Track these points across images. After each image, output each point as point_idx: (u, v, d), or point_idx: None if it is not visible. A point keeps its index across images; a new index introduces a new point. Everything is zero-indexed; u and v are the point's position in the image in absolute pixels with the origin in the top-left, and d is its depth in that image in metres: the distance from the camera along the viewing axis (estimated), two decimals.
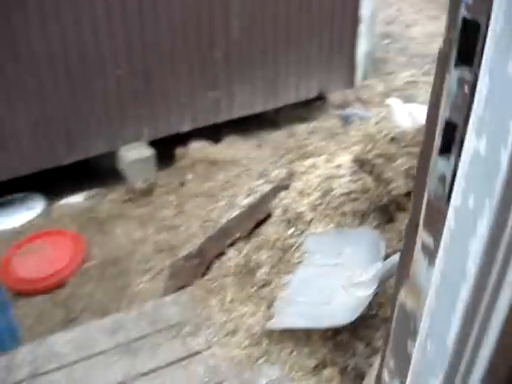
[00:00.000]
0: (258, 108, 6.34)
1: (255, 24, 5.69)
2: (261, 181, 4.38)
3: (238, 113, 6.18)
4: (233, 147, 6.30)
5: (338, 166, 4.11)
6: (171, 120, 5.74)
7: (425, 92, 7.31)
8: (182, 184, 5.70)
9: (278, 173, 4.35)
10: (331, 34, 6.21)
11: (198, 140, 6.18)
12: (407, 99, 6.77)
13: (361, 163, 3.69)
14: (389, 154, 3.39)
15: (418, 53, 8.92)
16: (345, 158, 4.20)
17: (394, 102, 6.30)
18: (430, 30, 9.78)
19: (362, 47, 6.68)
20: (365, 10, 6.38)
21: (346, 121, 6.25)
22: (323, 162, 4.41)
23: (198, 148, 6.07)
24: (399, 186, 3.29)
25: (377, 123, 3.94)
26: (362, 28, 6.48)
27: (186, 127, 5.89)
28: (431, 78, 1.20)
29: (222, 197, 5.24)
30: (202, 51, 5.53)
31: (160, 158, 5.97)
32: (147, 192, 5.67)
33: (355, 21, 6.32)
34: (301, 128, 6.69)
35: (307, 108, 7.00)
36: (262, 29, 5.77)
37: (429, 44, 9.19)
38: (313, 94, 6.63)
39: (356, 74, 6.63)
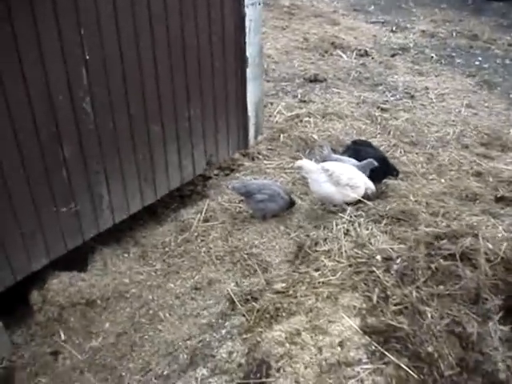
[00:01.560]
0: (135, 207, 4.92)
1: (114, 107, 4.39)
2: None
3: (108, 223, 4.69)
4: (109, 271, 4.79)
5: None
6: (13, 260, 4.09)
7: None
8: (55, 355, 4.09)
9: None
10: (214, 98, 5.03)
11: (57, 271, 4.62)
12: None
13: None
14: None
15: None
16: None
17: (306, 163, 5.50)
18: None
19: (251, 97, 5.59)
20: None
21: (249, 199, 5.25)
22: None
23: (60, 286, 4.49)
24: None
25: None
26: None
27: (36, 264, 4.26)
28: None
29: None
30: (43, 149, 3.98)
31: (10, 320, 4.35)
32: None
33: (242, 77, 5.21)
34: (189, 215, 5.43)
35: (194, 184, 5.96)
36: (125, 112, 4.54)
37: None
38: (200, 170, 5.39)
39: (248, 133, 5.55)
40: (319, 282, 4.01)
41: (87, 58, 4.10)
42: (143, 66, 4.50)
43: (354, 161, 5.93)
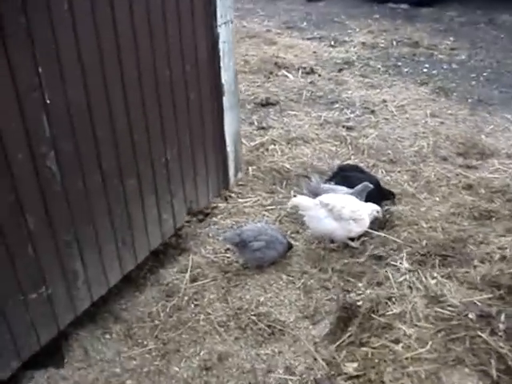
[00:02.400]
0: (115, 278, 4.18)
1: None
2: None
3: (85, 303, 3.88)
4: (93, 361, 3.96)
5: None
6: None
7: None
8: None
9: None
10: (190, 135, 4.34)
11: (29, 370, 3.74)
12: None
13: None
14: None
15: None
16: None
17: (302, 200, 5.08)
18: None
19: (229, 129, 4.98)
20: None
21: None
22: None
23: None
24: None
25: None
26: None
27: (5, 371, 3.46)
28: None
29: None
30: (3, 225, 3.25)
31: None
32: None
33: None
34: (172, 276, 4.70)
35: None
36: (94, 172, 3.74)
37: None
38: (180, 222, 4.68)
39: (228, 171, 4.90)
40: (406, 358, 3.29)
41: (47, 101, 3.33)
42: (113, 107, 3.72)
43: (347, 189, 5.41)
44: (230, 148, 5.04)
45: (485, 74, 9.40)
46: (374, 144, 7.11)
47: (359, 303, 3.77)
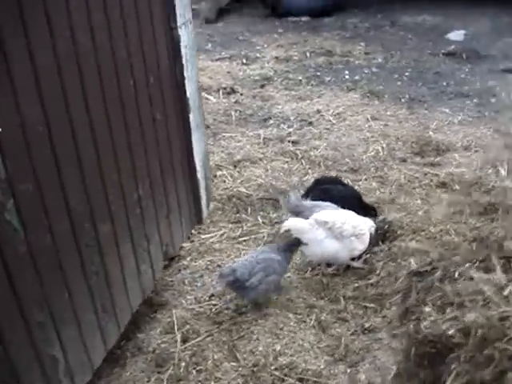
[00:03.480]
0: (99, 358, 3.26)
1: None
2: None
3: None
4: None
5: None
6: None
7: None
8: None
9: None
10: (160, 164, 3.53)
11: None
12: None
13: None
14: None
15: None
16: None
17: (295, 222, 4.43)
18: None
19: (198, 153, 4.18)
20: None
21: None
22: None
23: None
24: None
25: None
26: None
27: None
28: None
29: None
30: None
31: None
32: None
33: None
34: (157, 340, 3.82)
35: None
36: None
37: None
38: (159, 271, 3.82)
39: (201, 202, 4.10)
40: None
41: None
42: (78, 136, 2.83)
43: (331, 204, 4.81)
44: (200, 174, 4.25)
45: (407, 73, 9.29)
46: (328, 155, 6.61)
47: (450, 332, 2.99)
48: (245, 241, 5.09)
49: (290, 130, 7.46)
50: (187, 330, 3.98)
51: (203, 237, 5.14)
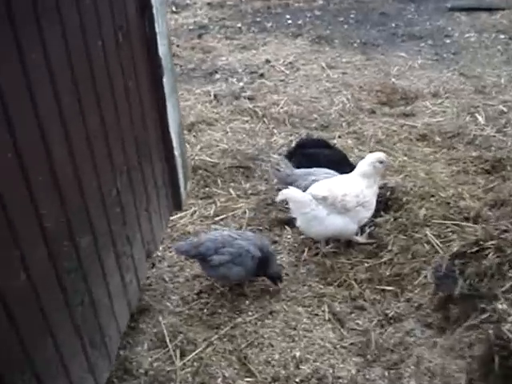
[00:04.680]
0: None
1: None
2: None
3: None
4: None
5: None
6: None
7: None
8: None
9: None
10: (136, 145, 2.70)
11: None
12: None
13: None
14: None
15: None
16: None
17: (293, 192, 3.74)
18: None
19: (173, 125, 3.38)
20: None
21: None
22: None
23: None
24: None
25: None
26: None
27: None
28: None
29: None
30: None
31: None
32: None
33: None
34: (148, 357, 3.14)
35: None
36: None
37: None
38: (143, 277, 3.06)
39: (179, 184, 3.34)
40: None
41: None
42: (44, 127, 2.06)
43: (327, 171, 4.19)
44: (177, 151, 3.47)
45: (352, 15, 8.67)
46: (292, 111, 5.94)
47: None
48: (222, 220, 4.41)
49: (241, 84, 6.71)
50: (181, 340, 3.27)
51: (172, 218, 4.42)
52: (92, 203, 2.36)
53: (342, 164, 4.38)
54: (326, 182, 3.78)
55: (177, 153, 3.34)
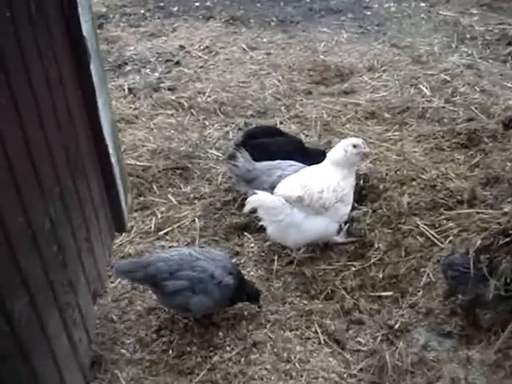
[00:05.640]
0: None
1: None
2: None
3: None
4: None
5: None
6: None
7: None
8: None
9: None
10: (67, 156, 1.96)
11: None
12: None
13: None
14: None
15: None
16: None
17: (264, 197, 3.08)
18: None
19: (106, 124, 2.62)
20: None
21: None
22: None
23: None
24: None
25: None
26: None
27: None
28: None
29: None
30: None
31: None
32: None
33: None
34: None
35: None
36: None
37: None
38: (93, 329, 2.31)
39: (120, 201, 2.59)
40: None
41: None
42: None
43: (295, 163, 3.58)
44: (113, 157, 2.70)
45: None
46: (221, 99, 5.25)
47: None
48: (167, 234, 3.71)
49: (157, 74, 5.94)
50: None
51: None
52: (21, 248, 1.62)
53: (300, 153, 3.80)
54: (296, 178, 3.17)
55: (113, 160, 2.62)
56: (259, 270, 3.28)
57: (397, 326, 2.78)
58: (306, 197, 3.04)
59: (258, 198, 3.04)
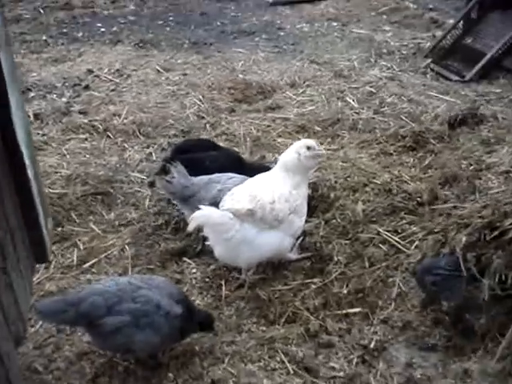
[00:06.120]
0: None
1: None
2: None
3: None
4: None
5: None
6: None
7: None
8: None
9: None
10: None
11: None
12: None
13: None
14: None
15: None
16: None
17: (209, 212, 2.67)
18: None
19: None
20: None
21: None
22: None
23: None
24: None
25: None
26: None
27: None
28: None
29: None
30: None
31: None
32: None
33: None
34: None
35: None
36: None
37: None
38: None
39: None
40: None
41: None
42: None
43: (236, 175, 3.18)
44: (30, 172, 2.17)
45: (171, 18, 7.74)
46: (140, 120, 4.79)
47: None
48: (93, 266, 3.21)
49: (65, 99, 5.41)
50: None
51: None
52: None
53: (237, 166, 3.46)
54: (244, 190, 2.81)
55: (31, 174, 2.14)
56: (206, 298, 2.86)
57: (372, 345, 2.44)
58: (257, 209, 2.68)
59: (203, 214, 2.64)
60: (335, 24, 7.11)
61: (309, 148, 2.80)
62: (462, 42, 5.69)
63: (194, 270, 3.06)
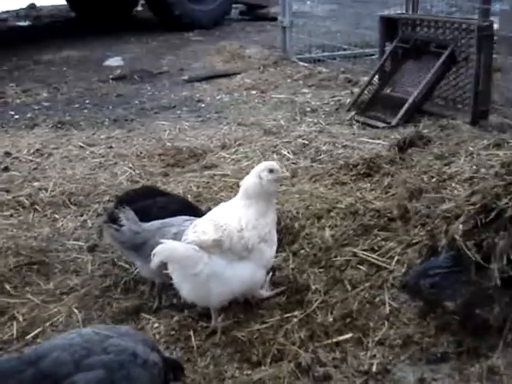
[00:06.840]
0: None
1: None
2: None
3: None
4: None
5: None
6: None
7: None
8: None
9: None
10: None
11: None
12: None
13: None
14: None
15: None
16: None
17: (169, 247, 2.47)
18: None
19: None
20: None
21: None
22: None
23: None
24: None
25: None
26: None
27: None
28: None
29: None
30: None
31: None
32: None
33: None
34: None
35: None
36: None
37: None
38: None
39: None
40: None
41: None
42: None
43: (187, 217, 2.89)
44: None
45: (87, 101, 7.50)
46: (70, 190, 4.44)
47: None
48: (37, 336, 2.67)
49: None
50: None
51: None
52: None
53: (187, 213, 3.21)
54: (207, 220, 2.55)
55: None
56: (175, 352, 2.51)
57: (374, 369, 2.20)
58: (225, 239, 2.42)
59: (166, 248, 2.33)
60: (254, 92, 7.18)
61: (271, 171, 2.62)
62: (381, 92, 5.87)
63: (157, 325, 2.70)
